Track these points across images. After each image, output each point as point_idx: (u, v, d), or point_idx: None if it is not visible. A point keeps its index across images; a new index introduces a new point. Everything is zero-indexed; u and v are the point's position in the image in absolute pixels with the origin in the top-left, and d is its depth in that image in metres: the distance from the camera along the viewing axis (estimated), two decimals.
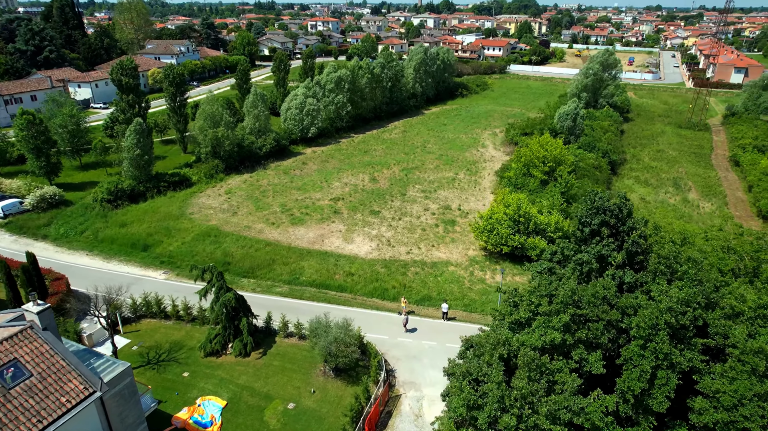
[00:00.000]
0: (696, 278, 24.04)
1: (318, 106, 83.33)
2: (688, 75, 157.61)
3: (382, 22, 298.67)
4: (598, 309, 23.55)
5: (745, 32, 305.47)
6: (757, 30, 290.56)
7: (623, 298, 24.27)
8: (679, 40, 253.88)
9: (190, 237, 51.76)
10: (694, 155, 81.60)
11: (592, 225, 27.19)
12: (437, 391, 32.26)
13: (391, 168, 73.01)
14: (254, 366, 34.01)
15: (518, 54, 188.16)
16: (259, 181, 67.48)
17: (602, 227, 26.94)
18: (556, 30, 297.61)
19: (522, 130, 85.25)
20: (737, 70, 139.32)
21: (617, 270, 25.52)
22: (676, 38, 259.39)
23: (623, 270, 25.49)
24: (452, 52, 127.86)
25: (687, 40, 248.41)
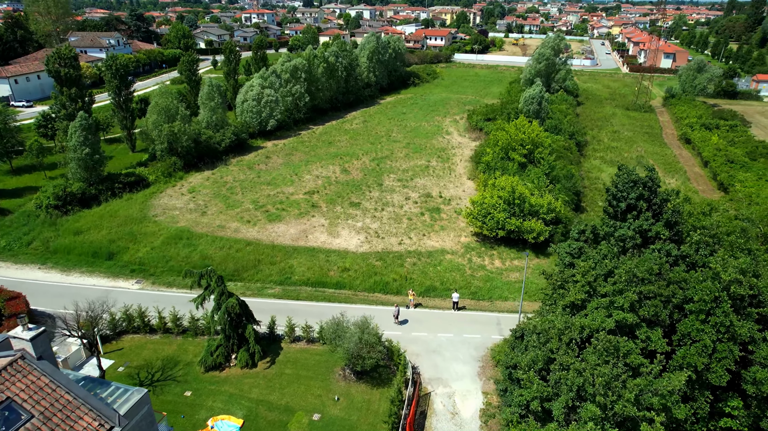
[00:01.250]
0: (745, 248, 23.73)
1: (276, 96, 79.02)
2: (622, 61, 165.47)
3: (319, 14, 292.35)
4: (654, 285, 22.61)
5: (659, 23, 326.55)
6: (669, 21, 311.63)
7: (674, 272, 23.51)
8: (605, 30, 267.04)
9: (159, 242, 46.90)
10: (647, 135, 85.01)
11: (629, 200, 26.32)
12: (466, 385, 30.73)
13: (361, 158, 70.44)
14: (265, 377, 30.78)
15: (460, 43, 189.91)
16: (223, 178, 62.80)
17: (639, 201, 26.12)
18: (490, 20, 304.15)
19: (485, 115, 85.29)
20: (666, 55, 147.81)
21: (665, 244, 24.83)
22: (602, 27, 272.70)
23: (671, 244, 24.83)
24: (402, 40, 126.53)
25: (612, 29, 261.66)
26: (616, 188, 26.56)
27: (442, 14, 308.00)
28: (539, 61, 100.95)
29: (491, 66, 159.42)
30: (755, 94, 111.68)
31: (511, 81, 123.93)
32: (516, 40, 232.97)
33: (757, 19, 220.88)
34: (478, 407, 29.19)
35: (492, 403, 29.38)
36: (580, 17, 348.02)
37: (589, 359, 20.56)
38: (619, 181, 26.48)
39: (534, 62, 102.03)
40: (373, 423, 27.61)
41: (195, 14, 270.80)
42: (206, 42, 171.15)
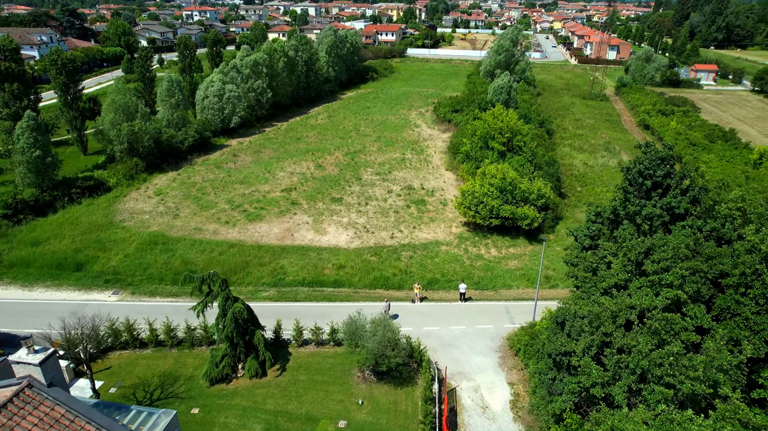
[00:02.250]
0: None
1: (238, 92, 75.32)
2: (570, 53, 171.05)
3: (263, 11, 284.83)
4: (693, 260, 22.33)
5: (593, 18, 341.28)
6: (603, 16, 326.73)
7: (707, 247, 23.34)
8: (547, 24, 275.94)
9: (132, 248, 43.11)
10: (608, 122, 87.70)
11: (655, 177, 26.06)
12: (490, 377, 29.78)
13: (333, 153, 68.31)
14: (278, 385, 28.50)
15: (411, 38, 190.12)
16: (191, 178, 58.97)
17: (666, 178, 25.92)
18: (436, 16, 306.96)
19: (451, 107, 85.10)
20: (611, 47, 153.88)
21: (696, 220, 24.70)
22: (544, 22, 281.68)
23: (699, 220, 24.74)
24: (359, 34, 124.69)
25: (554, 24, 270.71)
26: (642, 166, 26.21)
27: (388, 10, 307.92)
28: (499, 53, 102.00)
29: (445, 60, 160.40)
30: (696, 83, 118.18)
31: (469, 74, 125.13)
32: (464, 35, 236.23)
33: (683, 14, 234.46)
34: (507, 399, 28.29)
35: (520, 394, 28.57)
36: (522, 13, 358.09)
37: (641, 339, 19.94)
38: (646, 159, 26.16)
39: (494, 54, 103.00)
40: (404, 425, 26.07)
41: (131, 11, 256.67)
42: (148, 40, 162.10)
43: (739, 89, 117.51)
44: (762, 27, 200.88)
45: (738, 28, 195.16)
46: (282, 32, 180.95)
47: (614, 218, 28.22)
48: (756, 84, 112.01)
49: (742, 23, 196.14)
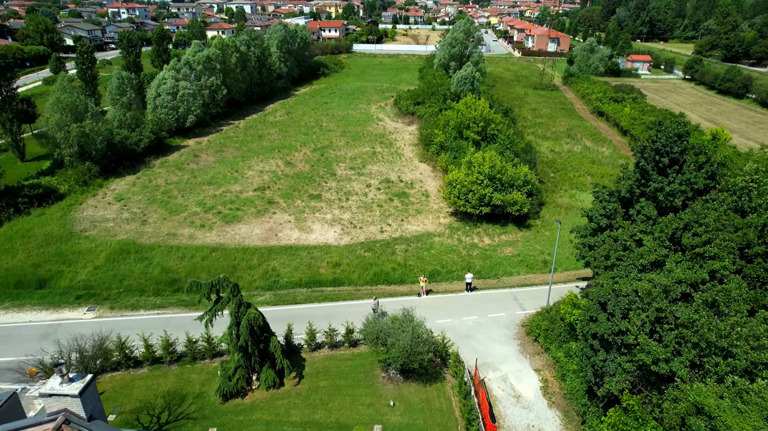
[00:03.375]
0: None
1: (193, 90, 70.92)
2: (512, 46, 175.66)
3: (197, 9, 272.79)
4: (725, 232, 22.61)
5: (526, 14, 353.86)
6: (535, 11, 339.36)
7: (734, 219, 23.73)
8: (484, 20, 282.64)
9: (102, 259, 39.09)
10: (563, 110, 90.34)
11: (673, 154, 26.27)
12: (515, 366, 29.22)
13: (300, 150, 65.79)
14: (298, 394, 26.44)
15: (356, 34, 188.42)
16: (153, 181, 54.65)
17: (682, 154, 26.20)
18: (375, 12, 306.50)
19: (413, 100, 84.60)
20: (552, 40, 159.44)
21: (718, 194, 25.10)
22: (481, 18, 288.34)
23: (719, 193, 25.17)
24: (309, 29, 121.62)
25: (490, 19, 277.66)
26: (660, 143, 26.33)
27: (326, 7, 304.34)
28: (453, 45, 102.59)
29: (392, 55, 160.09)
30: (634, 72, 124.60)
31: (420, 68, 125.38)
32: (405, 30, 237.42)
33: (610, 9, 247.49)
34: (537, 386, 27.74)
35: (548, 380, 28.12)
36: (457, 8, 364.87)
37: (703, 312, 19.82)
38: (663, 136, 26.31)
39: (448, 47, 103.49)
40: (443, 422, 24.85)
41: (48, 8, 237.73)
42: (74, 38, 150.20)
43: (672, 78, 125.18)
44: (679, 21, 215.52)
45: (659, 22, 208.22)
46: (221, 30, 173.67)
47: (630, 197, 28.30)
48: (687, 72, 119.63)
49: (662, 18, 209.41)
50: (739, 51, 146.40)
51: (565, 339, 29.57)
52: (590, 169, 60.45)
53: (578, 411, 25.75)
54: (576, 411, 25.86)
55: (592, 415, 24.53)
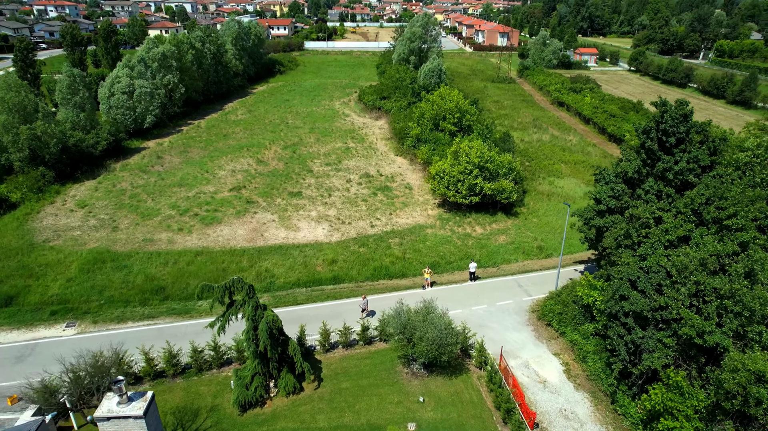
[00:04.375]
0: None
1: (150, 89, 66.82)
2: (463, 42, 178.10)
3: (133, 7, 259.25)
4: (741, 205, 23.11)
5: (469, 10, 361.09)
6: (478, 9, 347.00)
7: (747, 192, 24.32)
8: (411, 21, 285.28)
9: (74, 270, 35.74)
10: (524, 102, 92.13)
11: (678, 134, 26.70)
12: (534, 352, 29.02)
13: (271, 148, 63.41)
14: (321, 398, 24.93)
15: (306, 32, 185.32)
16: (117, 186, 50.87)
17: (688, 134, 26.67)
18: (321, 10, 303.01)
19: (378, 95, 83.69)
20: (502, 35, 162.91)
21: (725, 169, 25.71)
22: None
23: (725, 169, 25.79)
24: (263, 26, 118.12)
25: (436, 16, 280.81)
26: (667, 124, 26.68)
27: (271, 5, 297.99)
28: (412, 40, 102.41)
29: (345, 52, 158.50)
30: (584, 64, 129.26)
31: (377, 64, 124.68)
32: (354, 28, 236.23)
33: (551, 6, 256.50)
34: (559, 370, 27.55)
35: (569, 363, 28.00)
36: (401, 6, 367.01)
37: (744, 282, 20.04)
38: (669, 116, 26.68)
39: (406, 41, 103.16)
40: (477, 414, 24.12)
41: None
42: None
43: (619, 69, 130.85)
44: (616, 17, 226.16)
45: (598, 18, 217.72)
46: (164, 29, 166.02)
47: (638, 176, 28.60)
48: (632, 64, 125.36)
49: (600, 14, 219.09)
50: (674, 44, 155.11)
51: (580, 322, 29.60)
52: (562, 157, 61.70)
53: (605, 391, 25.74)
54: (603, 392, 25.84)
55: (623, 394, 24.56)
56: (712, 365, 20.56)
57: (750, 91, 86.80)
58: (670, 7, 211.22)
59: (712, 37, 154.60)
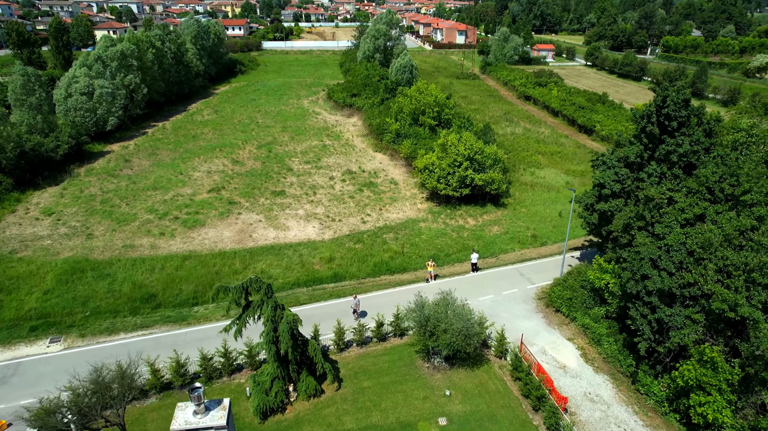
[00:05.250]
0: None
1: (111, 89, 63.19)
2: (421, 40, 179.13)
3: (74, 8, 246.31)
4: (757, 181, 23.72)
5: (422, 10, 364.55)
6: (431, 8, 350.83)
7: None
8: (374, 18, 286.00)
9: (51, 281, 33.01)
10: (491, 97, 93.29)
11: (680, 118, 27.25)
12: (548, 338, 29.04)
13: (244, 147, 61.29)
14: (344, 399, 23.86)
15: (263, 31, 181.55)
16: (85, 191, 47.66)
17: (689, 118, 27.26)
18: (274, 11, 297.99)
19: (349, 92, 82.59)
20: (460, 32, 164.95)
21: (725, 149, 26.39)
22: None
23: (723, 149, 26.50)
24: (222, 25, 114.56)
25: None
26: (670, 108, 27.14)
27: (223, 6, 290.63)
28: (377, 38, 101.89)
29: (305, 51, 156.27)
30: (543, 60, 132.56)
31: (341, 62, 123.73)
32: (309, 28, 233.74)
33: (503, 5, 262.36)
34: (576, 354, 27.57)
35: (584, 347, 28.08)
36: (354, 6, 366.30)
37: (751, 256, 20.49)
38: (671, 101, 27.15)
39: (371, 39, 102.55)
40: (506, 404, 23.70)
41: None
42: None
43: (576, 64, 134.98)
44: (566, 15, 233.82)
45: (549, 16, 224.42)
46: (111, 29, 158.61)
47: (640, 161, 29.03)
48: (588, 59, 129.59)
49: (552, 12, 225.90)
50: (623, 40, 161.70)
51: (589, 306, 29.78)
52: (537, 148, 62.67)
53: (624, 373, 25.92)
54: (622, 373, 26.01)
55: (644, 374, 24.75)
56: (738, 338, 20.93)
57: (701, 83, 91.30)
58: (615, 5, 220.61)
59: (657, 33, 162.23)
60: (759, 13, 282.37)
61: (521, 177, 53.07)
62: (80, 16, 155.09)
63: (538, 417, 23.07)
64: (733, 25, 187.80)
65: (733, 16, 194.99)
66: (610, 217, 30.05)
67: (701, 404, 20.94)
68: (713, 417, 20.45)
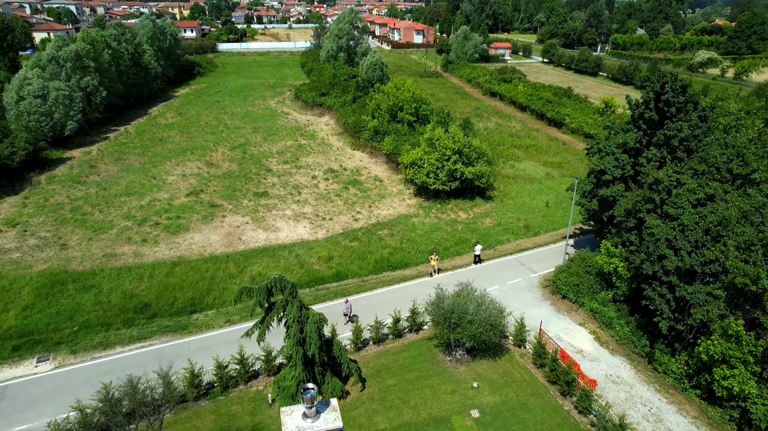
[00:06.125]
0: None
1: (69, 91, 59.41)
2: (379, 40, 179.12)
3: (4, 8, 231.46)
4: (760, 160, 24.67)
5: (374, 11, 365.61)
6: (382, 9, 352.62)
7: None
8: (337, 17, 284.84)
9: (29, 297, 30.43)
10: (458, 94, 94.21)
11: (678, 104, 28.04)
12: (560, 324, 29.32)
13: (217, 149, 59.05)
14: (371, 399, 23.06)
15: (217, 33, 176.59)
16: (50, 199, 44.46)
17: (686, 104, 28.10)
18: (224, 13, 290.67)
19: (318, 92, 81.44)
20: (417, 32, 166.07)
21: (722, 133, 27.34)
22: (334, 15, 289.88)
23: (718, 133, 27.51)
24: (177, 26, 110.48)
25: None
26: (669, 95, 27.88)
27: (169, 8, 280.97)
28: (340, 36, 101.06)
29: (263, 53, 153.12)
30: (502, 58, 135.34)
31: (302, 62, 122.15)
32: (263, 30, 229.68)
33: (455, 5, 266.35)
34: (590, 338, 27.86)
35: (596, 331, 28.42)
36: (306, 8, 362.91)
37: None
38: (670, 87, 27.89)
39: (334, 38, 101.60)
40: (534, 392, 23.58)
41: None
42: None
43: (533, 61, 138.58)
44: (517, 15, 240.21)
45: (501, 16, 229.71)
46: (51, 31, 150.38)
47: (639, 146, 29.71)
48: (545, 56, 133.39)
49: (503, 12, 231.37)
50: (574, 38, 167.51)
51: (596, 291, 30.19)
52: (512, 142, 63.59)
53: (639, 353, 26.38)
54: (637, 354, 26.46)
55: (660, 353, 25.25)
56: (757, 311, 21.62)
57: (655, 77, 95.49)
58: (561, 5, 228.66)
59: (606, 31, 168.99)
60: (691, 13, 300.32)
61: (502, 170, 53.63)
62: (15, 17, 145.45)
63: (567, 402, 23.08)
64: (671, 24, 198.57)
65: (670, 16, 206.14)
66: (611, 203, 30.61)
67: (725, 377, 21.50)
68: (738, 389, 21.02)
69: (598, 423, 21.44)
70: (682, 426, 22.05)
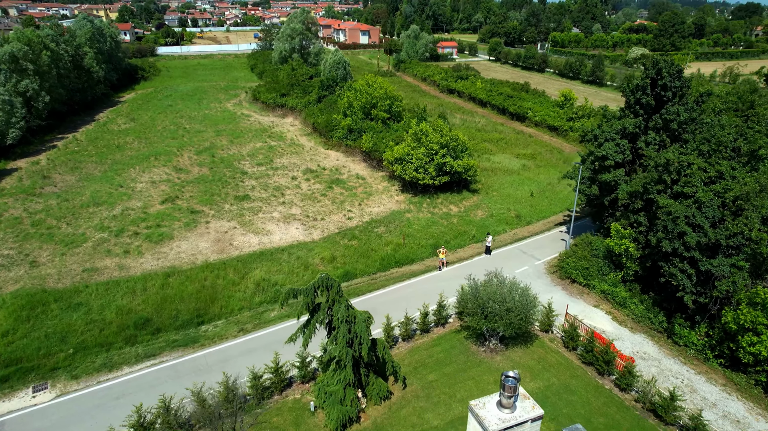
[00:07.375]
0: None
1: (9, 97, 54.26)
2: (325, 42, 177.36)
3: None
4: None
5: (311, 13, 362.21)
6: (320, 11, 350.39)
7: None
8: (276, 20, 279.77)
9: (6, 321, 27.29)
10: (415, 92, 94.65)
11: (674, 88, 29.25)
12: (576, 308, 29.75)
13: (182, 154, 55.97)
14: (416, 396, 22.33)
15: (154, 37, 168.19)
16: (4, 214, 40.28)
17: (682, 89, 29.37)
18: (156, 16, 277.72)
19: (278, 92, 79.22)
20: (363, 32, 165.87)
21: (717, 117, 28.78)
22: (273, 18, 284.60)
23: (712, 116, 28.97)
24: (117, 28, 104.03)
25: (281, 19, 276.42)
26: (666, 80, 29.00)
27: (94, 10, 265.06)
28: (292, 37, 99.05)
29: (206, 56, 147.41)
30: (450, 57, 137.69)
31: (252, 65, 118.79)
32: (200, 33, 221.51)
33: (394, 6, 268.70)
34: (608, 319, 28.48)
35: (612, 312, 29.11)
36: (240, 10, 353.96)
37: None
38: (667, 72, 29.01)
39: (287, 39, 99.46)
40: (573, 374, 23.73)
41: None
42: None
43: (480, 59, 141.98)
44: (456, 15, 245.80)
45: (441, 16, 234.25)
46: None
47: (637, 131, 30.75)
48: (492, 54, 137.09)
49: (443, 12, 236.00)
50: (515, 37, 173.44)
51: (605, 272, 30.97)
52: (482, 137, 64.57)
53: (657, 329, 27.24)
54: (655, 330, 27.31)
55: (680, 327, 26.18)
56: None
57: (600, 71, 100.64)
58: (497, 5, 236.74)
59: (544, 30, 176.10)
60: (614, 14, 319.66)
61: (480, 163, 54.18)
62: None
63: (606, 381, 23.39)
64: (599, 24, 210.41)
65: (597, 17, 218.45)
66: (613, 187, 31.50)
67: (752, 344, 22.53)
68: (767, 354, 22.09)
69: (642, 398, 21.82)
70: (714, 394, 22.90)
